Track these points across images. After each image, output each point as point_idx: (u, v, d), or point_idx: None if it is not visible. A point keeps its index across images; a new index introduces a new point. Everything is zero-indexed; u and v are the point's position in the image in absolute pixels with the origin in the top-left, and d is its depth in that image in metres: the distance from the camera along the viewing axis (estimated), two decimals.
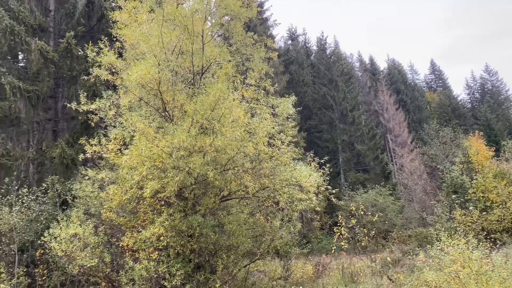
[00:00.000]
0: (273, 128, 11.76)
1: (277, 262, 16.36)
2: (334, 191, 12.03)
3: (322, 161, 12.55)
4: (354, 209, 13.25)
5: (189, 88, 12.05)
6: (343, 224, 12.86)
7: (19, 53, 18.97)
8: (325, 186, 12.18)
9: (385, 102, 47.69)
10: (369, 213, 16.51)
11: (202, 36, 11.69)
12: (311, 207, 12.92)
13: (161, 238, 9.96)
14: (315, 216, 27.60)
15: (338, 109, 41.73)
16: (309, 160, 12.38)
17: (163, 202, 10.73)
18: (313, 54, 51.05)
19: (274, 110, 12.55)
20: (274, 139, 11.88)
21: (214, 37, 13.11)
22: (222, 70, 11.28)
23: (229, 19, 13.04)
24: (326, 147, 40.33)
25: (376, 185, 31.99)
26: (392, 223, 27.80)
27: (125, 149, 11.07)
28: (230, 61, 11.86)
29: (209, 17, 12.35)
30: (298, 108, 14.39)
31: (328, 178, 12.42)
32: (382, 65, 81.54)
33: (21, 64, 19.32)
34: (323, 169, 12.31)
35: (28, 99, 16.31)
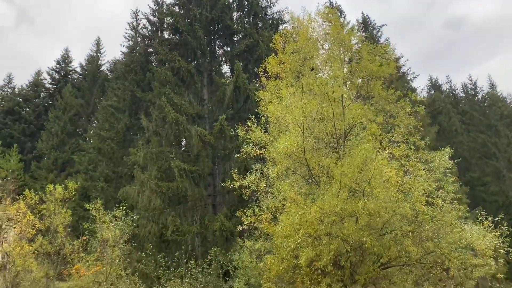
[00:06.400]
0: (430, 185, 10.74)
1: None
2: None
3: (496, 219, 10.79)
4: None
5: (333, 152, 12.06)
6: None
7: (182, 139, 22.02)
8: (505, 249, 10.35)
9: None
10: None
11: (342, 101, 11.83)
12: (489, 274, 11.05)
13: None
14: (496, 284, 23.32)
15: (504, 157, 36.51)
16: (480, 219, 10.77)
17: (319, 271, 10.43)
18: (462, 101, 46.86)
19: (428, 166, 11.57)
20: (433, 197, 10.78)
21: (353, 99, 13.13)
22: (367, 131, 11.06)
23: (366, 80, 13.00)
24: (495, 201, 35.05)
25: None
26: None
27: (276, 220, 11.36)
28: (373, 120, 11.60)
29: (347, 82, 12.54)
30: (457, 160, 12.98)
31: (508, 239, 10.56)
32: None
33: (183, 149, 22.27)
34: (500, 228, 10.53)
35: (192, 179, 18.44)
